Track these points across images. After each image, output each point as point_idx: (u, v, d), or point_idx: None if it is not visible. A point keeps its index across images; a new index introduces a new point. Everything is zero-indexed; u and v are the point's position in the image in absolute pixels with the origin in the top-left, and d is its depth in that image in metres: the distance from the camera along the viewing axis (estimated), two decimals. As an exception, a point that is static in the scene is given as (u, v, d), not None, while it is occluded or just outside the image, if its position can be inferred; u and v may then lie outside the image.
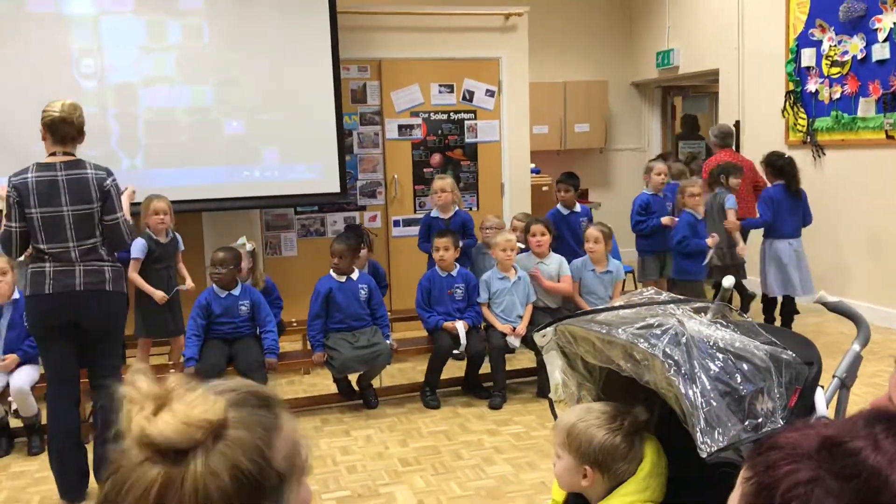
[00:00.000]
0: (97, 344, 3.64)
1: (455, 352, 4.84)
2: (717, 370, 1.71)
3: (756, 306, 6.15)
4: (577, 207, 5.89)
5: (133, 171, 5.67)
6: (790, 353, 1.79)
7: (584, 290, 5.07)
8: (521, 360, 5.44)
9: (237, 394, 0.89)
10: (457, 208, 5.52)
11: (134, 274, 4.66)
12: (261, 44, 5.93)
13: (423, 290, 5.03)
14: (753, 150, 7.53)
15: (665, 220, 5.76)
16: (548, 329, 2.02)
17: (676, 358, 1.67)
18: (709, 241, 5.38)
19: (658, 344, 1.69)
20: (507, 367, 5.01)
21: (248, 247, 5.07)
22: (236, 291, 4.63)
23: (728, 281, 2.13)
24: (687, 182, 5.73)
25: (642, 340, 1.71)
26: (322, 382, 5.28)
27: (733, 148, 6.96)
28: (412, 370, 5.51)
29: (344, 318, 4.77)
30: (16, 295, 4.37)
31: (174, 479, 0.80)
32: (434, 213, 5.54)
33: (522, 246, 5.17)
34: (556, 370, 2.14)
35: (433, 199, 5.54)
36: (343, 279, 4.84)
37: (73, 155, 3.53)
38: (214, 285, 4.64)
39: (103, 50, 5.67)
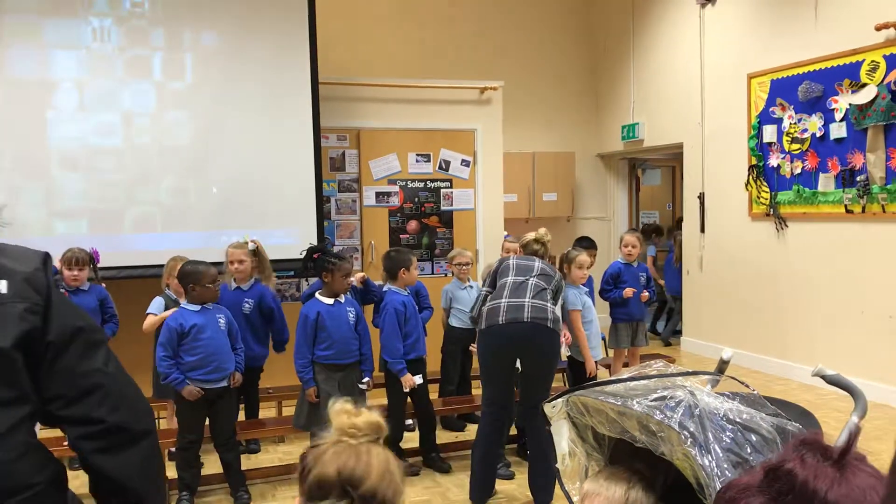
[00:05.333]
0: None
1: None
2: (729, 441, 1.77)
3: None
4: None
5: (113, 237, 5.65)
6: (795, 424, 1.86)
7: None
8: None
9: None
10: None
11: (149, 329, 4.72)
12: (242, 112, 6.02)
13: (398, 316, 4.75)
14: (718, 222, 7.79)
15: (627, 291, 5.86)
16: (558, 400, 2.07)
17: (692, 430, 1.73)
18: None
19: (674, 416, 1.75)
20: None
21: (250, 245, 4.95)
22: (210, 306, 4.28)
23: (727, 353, 2.21)
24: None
25: (658, 412, 1.77)
26: (298, 451, 5.19)
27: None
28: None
29: (332, 345, 4.44)
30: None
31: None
32: None
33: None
34: (563, 440, 2.18)
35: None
36: (332, 302, 4.50)
37: None
38: (186, 302, 4.28)
39: (84, 114, 5.71)
